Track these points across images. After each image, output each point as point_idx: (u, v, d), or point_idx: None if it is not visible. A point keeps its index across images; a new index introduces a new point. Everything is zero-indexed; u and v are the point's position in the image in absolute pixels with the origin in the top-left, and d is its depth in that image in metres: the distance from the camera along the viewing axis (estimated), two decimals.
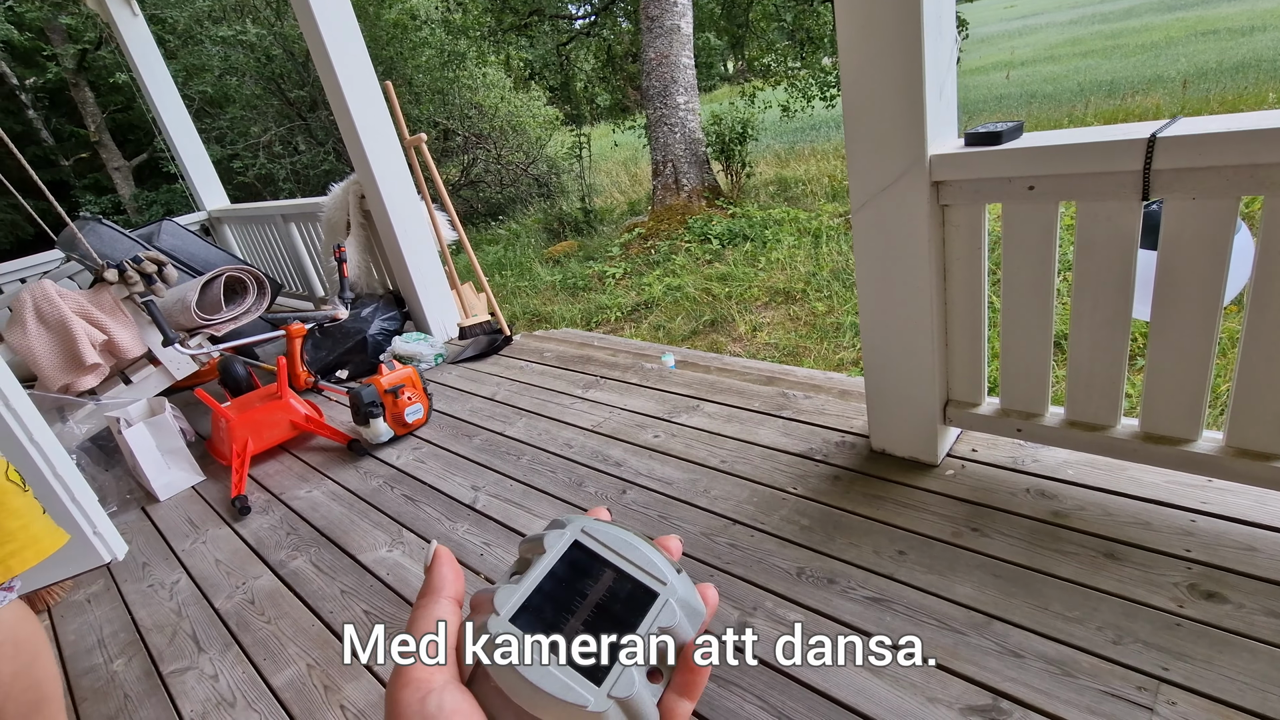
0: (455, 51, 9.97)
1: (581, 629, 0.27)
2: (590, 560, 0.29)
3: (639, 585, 0.29)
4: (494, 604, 0.27)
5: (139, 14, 4.26)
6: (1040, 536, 1.37)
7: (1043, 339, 1.41)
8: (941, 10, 1.33)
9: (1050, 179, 1.26)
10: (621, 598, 0.28)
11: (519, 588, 0.28)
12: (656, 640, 0.28)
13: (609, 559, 0.29)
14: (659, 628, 0.28)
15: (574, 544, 0.30)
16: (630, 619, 0.28)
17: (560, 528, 0.30)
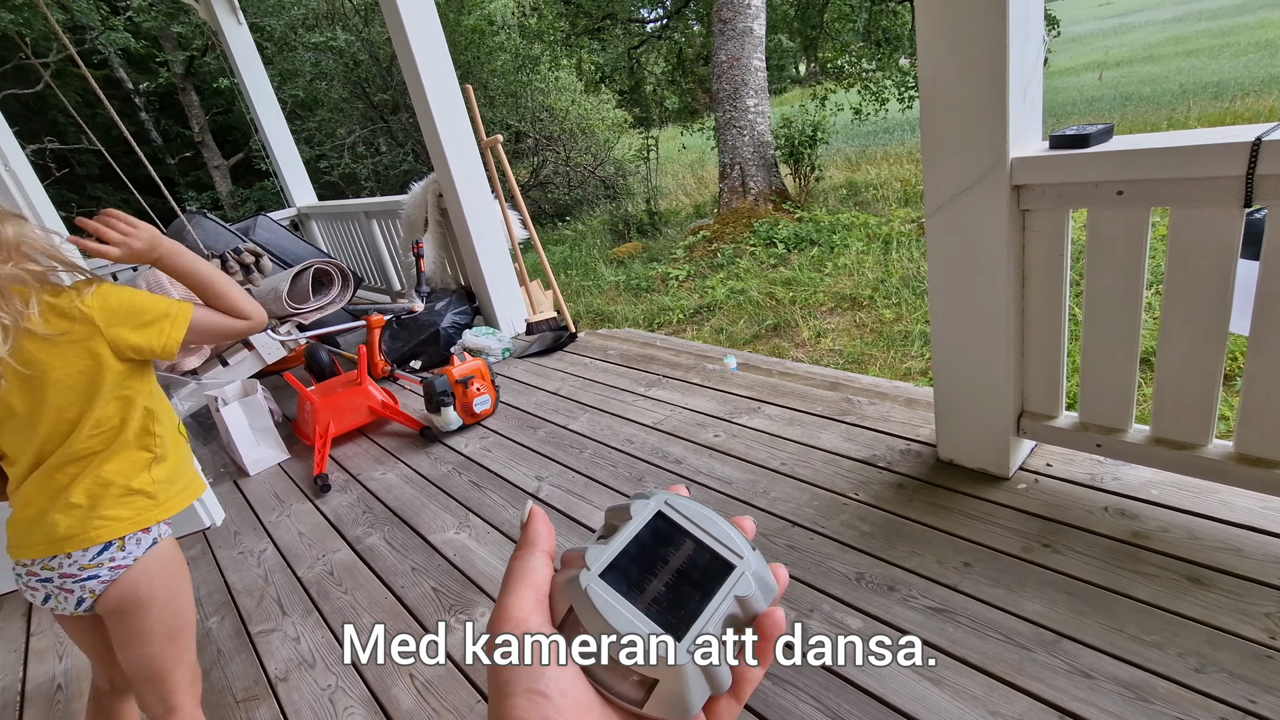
0: (529, 56, 10.24)
1: (663, 590, 0.29)
2: (672, 530, 0.31)
3: (717, 556, 0.30)
4: (585, 560, 0.29)
5: (243, 23, 4.58)
6: (1118, 557, 1.31)
7: (1128, 351, 1.35)
8: (1029, 9, 1.29)
9: (1142, 184, 1.21)
10: (700, 566, 0.30)
11: (607, 548, 0.30)
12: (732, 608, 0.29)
13: (690, 530, 0.31)
14: (735, 597, 0.29)
15: (658, 514, 0.32)
16: (708, 586, 0.29)
17: (645, 499, 0.32)
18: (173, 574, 1.08)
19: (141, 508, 1.03)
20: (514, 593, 0.29)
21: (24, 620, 1.94)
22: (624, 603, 0.28)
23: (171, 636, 1.07)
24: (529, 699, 0.26)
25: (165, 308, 1.01)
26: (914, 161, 8.71)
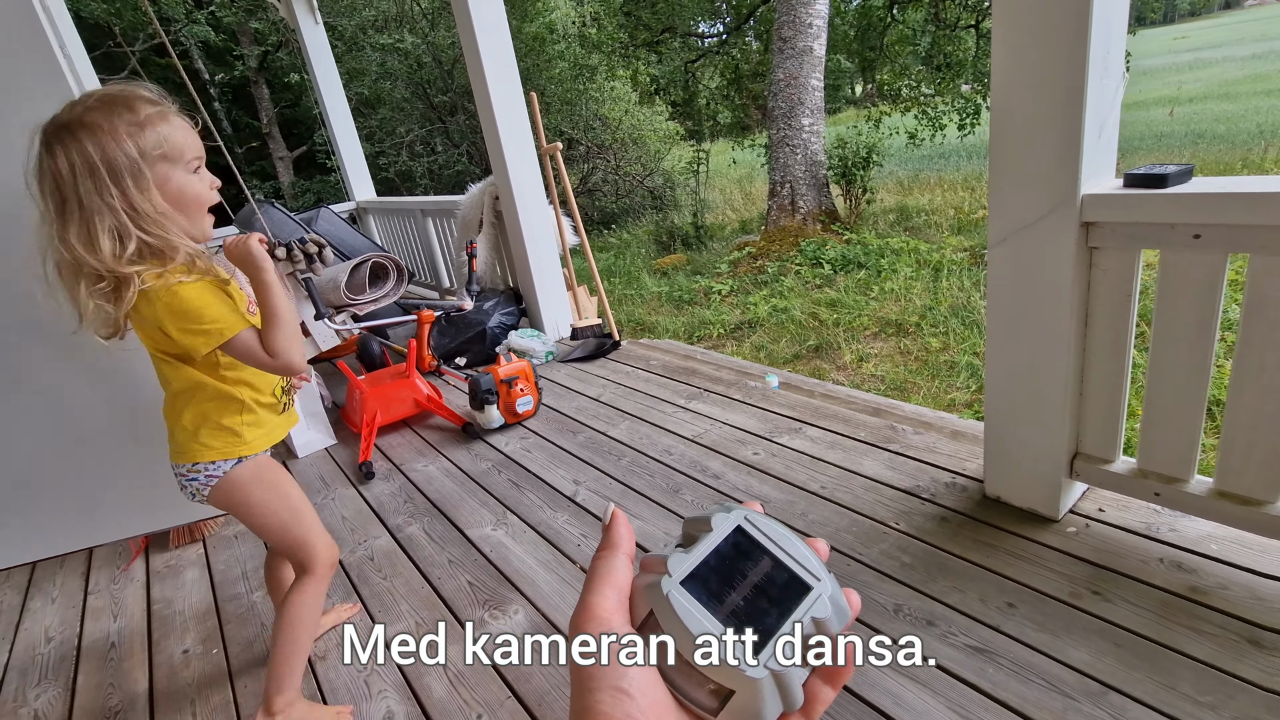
0: (587, 65, 10.40)
1: (741, 603, 0.30)
2: (752, 546, 0.32)
3: (795, 576, 0.31)
4: (666, 566, 0.30)
5: (320, 23, 4.78)
6: (1173, 611, 1.26)
7: (1195, 400, 1.31)
8: (1110, 45, 1.27)
9: (1221, 228, 1.18)
10: (779, 584, 0.31)
11: (688, 557, 0.31)
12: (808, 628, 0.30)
13: (769, 548, 0.32)
14: (812, 618, 0.30)
15: (738, 528, 0.32)
16: (786, 604, 0.30)
17: (725, 512, 0.33)
18: (262, 483, 1.23)
19: (229, 441, 1.20)
20: (598, 591, 0.30)
21: (83, 579, 2.05)
22: (704, 612, 0.29)
23: (284, 525, 1.26)
24: (613, 696, 0.27)
25: (216, 325, 1.05)
26: (968, 189, 8.54)
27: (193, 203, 1.04)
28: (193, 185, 1.03)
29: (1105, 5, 1.22)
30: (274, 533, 1.26)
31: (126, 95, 0.99)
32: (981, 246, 5.90)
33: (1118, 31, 1.29)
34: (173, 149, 1.00)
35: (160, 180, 1.00)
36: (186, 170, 1.03)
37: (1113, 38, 1.28)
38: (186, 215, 1.04)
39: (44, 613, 1.93)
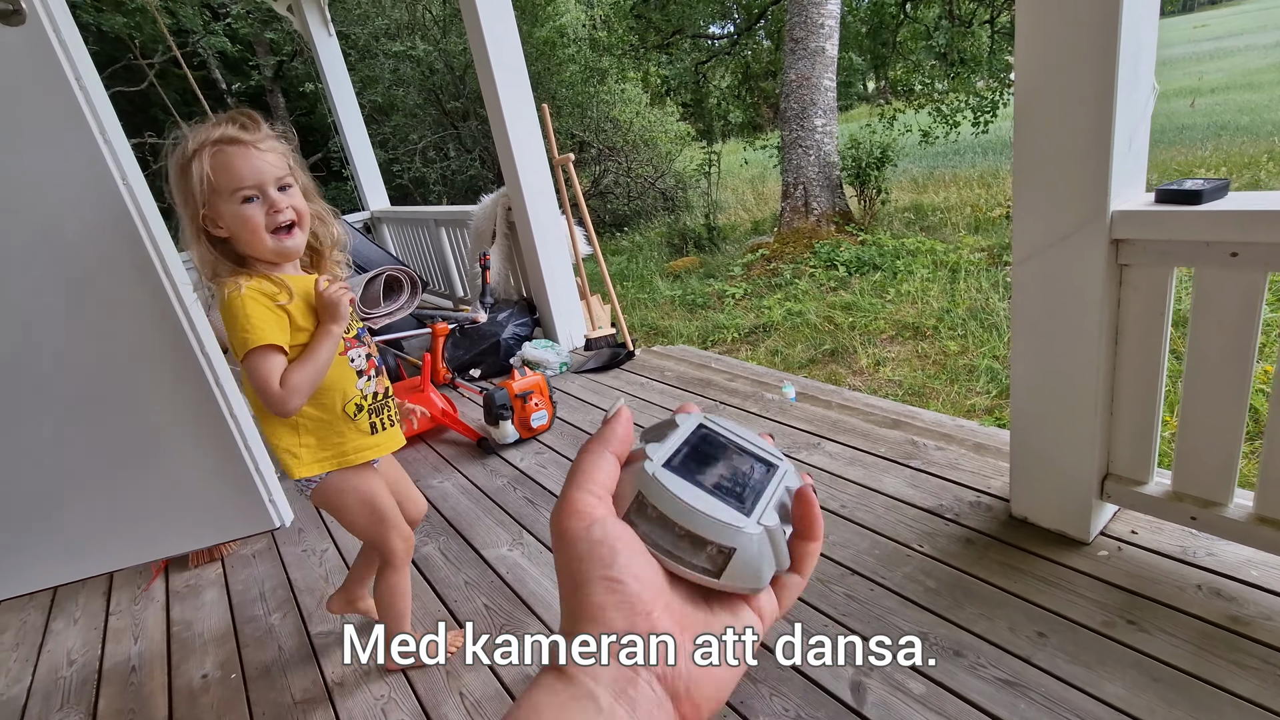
0: (597, 68, 10.40)
1: (719, 480, 0.31)
2: (716, 437, 0.33)
3: (760, 458, 0.33)
4: (646, 453, 0.31)
5: (333, 35, 4.81)
6: (1213, 642, 1.22)
7: (1234, 422, 1.26)
8: (1140, 55, 1.23)
9: (1261, 246, 1.13)
10: (748, 464, 0.33)
11: (663, 445, 0.32)
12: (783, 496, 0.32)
13: (731, 438, 0.34)
14: (785, 487, 0.32)
15: (700, 424, 0.34)
16: (758, 479, 0.32)
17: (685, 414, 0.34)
18: (343, 499, 1.33)
19: (289, 462, 1.26)
20: (580, 486, 0.30)
21: (104, 599, 2.06)
22: (689, 487, 0.30)
23: (366, 528, 1.38)
24: (604, 585, 0.27)
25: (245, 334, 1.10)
26: (984, 185, 8.42)
27: (243, 229, 1.09)
28: (241, 214, 1.08)
29: (1134, 14, 1.18)
30: (357, 533, 1.42)
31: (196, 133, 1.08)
32: (999, 246, 5.81)
33: (1147, 42, 1.25)
34: (218, 180, 1.07)
35: (213, 211, 1.09)
36: (233, 202, 1.08)
37: (1142, 48, 1.23)
38: (244, 240, 1.11)
39: (66, 634, 1.94)
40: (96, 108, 1.37)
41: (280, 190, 1.11)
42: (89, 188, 1.40)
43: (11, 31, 1.25)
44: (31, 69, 1.28)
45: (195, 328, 1.61)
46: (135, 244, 1.49)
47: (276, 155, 1.11)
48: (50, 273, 1.44)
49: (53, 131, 1.34)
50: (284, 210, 1.10)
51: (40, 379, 1.58)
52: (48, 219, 1.43)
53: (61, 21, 1.29)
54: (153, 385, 1.64)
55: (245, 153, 1.07)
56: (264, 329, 1.09)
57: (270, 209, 1.09)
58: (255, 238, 1.10)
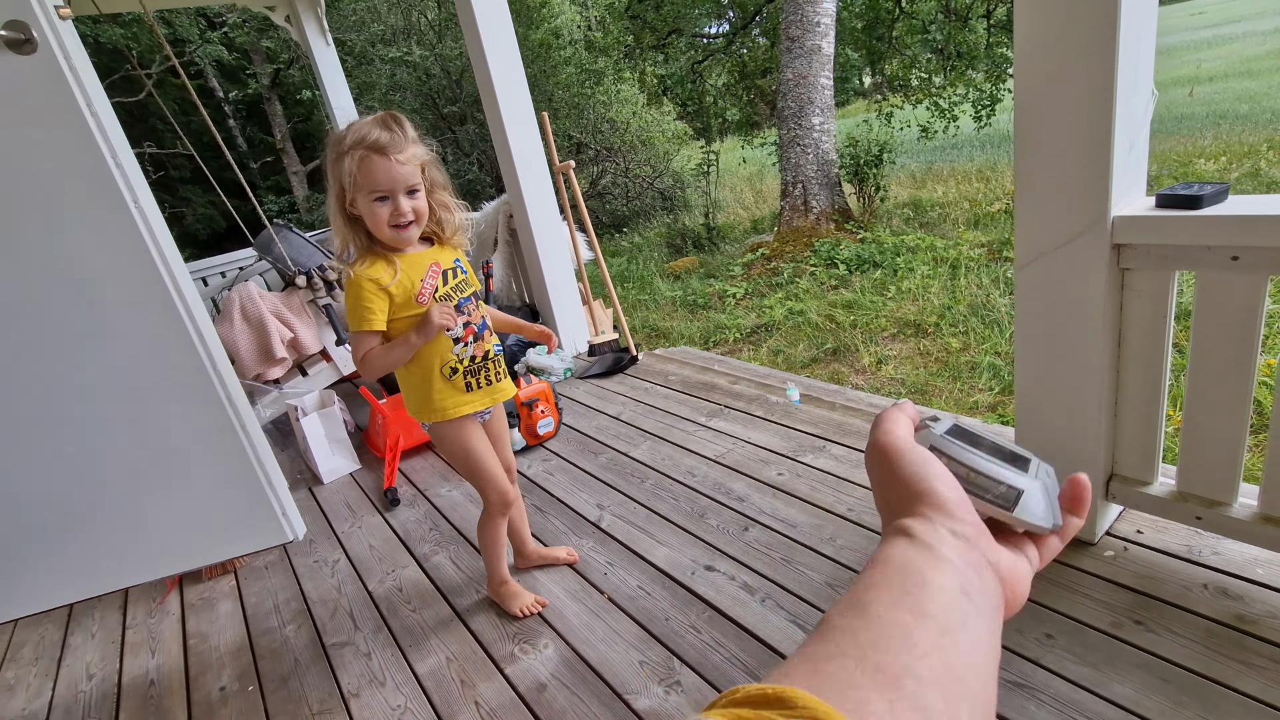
0: (593, 70, 10.40)
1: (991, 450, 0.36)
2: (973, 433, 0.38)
3: (1015, 452, 0.38)
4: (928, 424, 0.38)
5: (331, 44, 4.82)
6: (1220, 642, 1.23)
7: (1237, 422, 1.27)
8: (1139, 61, 1.24)
9: (1262, 250, 1.14)
10: (1007, 450, 0.37)
11: (939, 424, 0.38)
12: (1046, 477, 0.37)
13: (987, 436, 0.38)
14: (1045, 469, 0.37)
15: (955, 421, 0.40)
16: (1021, 458, 0.37)
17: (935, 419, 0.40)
18: (444, 447, 1.58)
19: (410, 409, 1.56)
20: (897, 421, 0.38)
21: (120, 613, 2.08)
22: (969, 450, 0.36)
23: (465, 474, 1.61)
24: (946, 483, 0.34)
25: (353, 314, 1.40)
26: (982, 179, 8.42)
27: (371, 219, 1.35)
28: (371, 208, 1.33)
29: (1133, 19, 1.19)
30: (461, 474, 1.69)
31: (352, 128, 1.32)
32: (999, 241, 5.81)
33: (1146, 46, 1.26)
34: (360, 180, 1.30)
35: (353, 198, 1.33)
36: (368, 198, 1.32)
37: (1141, 53, 1.25)
38: (371, 225, 1.36)
39: (84, 649, 1.96)
40: (108, 132, 1.38)
41: (408, 194, 1.34)
42: (102, 211, 1.42)
43: (24, 60, 1.27)
44: (43, 96, 1.30)
45: (207, 345, 1.63)
46: (147, 264, 1.50)
47: (413, 165, 1.32)
48: (66, 296, 1.46)
49: (65, 158, 1.36)
50: (405, 213, 1.34)
51: (57, 400, 1.60)
52: (62, 243, 1.45)
53: (72, 49, 1.31)
54: (167, 404, 1.66)
55: (386, 163, 1.29)
56: (365, 315, 1.37)
57: (394, 210, 1.33)
58: (379, 228, 1.35)
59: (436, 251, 1.47)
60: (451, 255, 1.49)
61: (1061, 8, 1.21)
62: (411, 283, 1.41)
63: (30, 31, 1.28)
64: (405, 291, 1.40)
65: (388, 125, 1.32)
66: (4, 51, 1.28)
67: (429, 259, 1.45)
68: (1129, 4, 1.17)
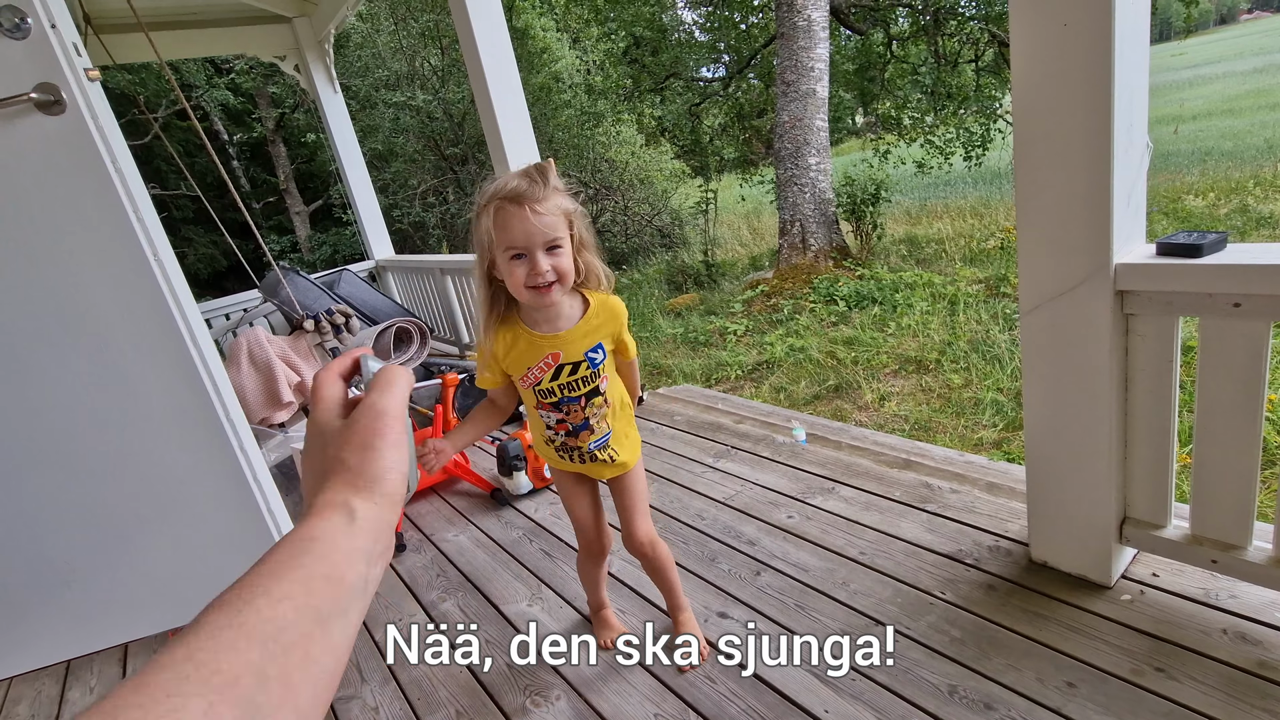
0: (593, 112, 10.65)
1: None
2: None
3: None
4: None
5: (338, 91, 4.95)
6: (1242, 689, 1.22)
7: (1247, 466, 1.28)
8: (1133, 118, 1.29)
9: (1263, 298, 1.17)
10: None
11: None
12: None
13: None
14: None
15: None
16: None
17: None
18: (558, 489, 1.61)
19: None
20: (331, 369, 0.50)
21: (120, 667, 2.04)
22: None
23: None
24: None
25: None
26: (976, 216, 8.57)
27: (509, 280, 1.21)
28: (509, 270, 1.20)
29: (1126, 75, 1.24)
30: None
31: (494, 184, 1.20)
32: (995, 277, 5.89)
33: (1140, 101, 1.31)
34: (497, 236, 1.18)
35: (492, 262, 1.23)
36: (505, 256, 1.19)
37: (1135, 107, 1.29)
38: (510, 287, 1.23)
39: (82, 704, 1.92)
40: (130, 187, 1.42)
41: (548, 250, 1.18)
42: (123, 265, 1.45)
43: (53, 120, 1.31)
44: (71, 154, 1.34)
45: (220, 393, 1.64)
46: (165, 316, 1.52)
47: (554, 216, 1.17)
48: (81, 344, 1.48)
49: (89, 212, 1.39)
50: (544, 273, 1.18)
51: (65, 446, 1.60)
52: (81, 293, 1.47)
53: (100, 110, 1.35)
54: (177, 451, 1.66)
55: (521, 214, 1.15)
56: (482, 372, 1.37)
57: (532, 270, 1.18)
58: (517, 289, 1.21)
59: (570, 337, 1.30)
60: (590, 342, 1.32)
61: (1057, 65, 1.26)
62: (522, 365, 1.31)
63: (60, 93, 1.32)
64: (516, 369, 1.32)
65: (529, 174, 1.18)
66: (34, 112, 1.32)
67: (552, 347, 1.30)
68: (1122, 62, 1.22)
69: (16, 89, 1.29)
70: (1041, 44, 1.27)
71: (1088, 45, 1.21)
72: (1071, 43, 1.23)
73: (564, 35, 10.94)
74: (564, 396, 1.35)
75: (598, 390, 1.37)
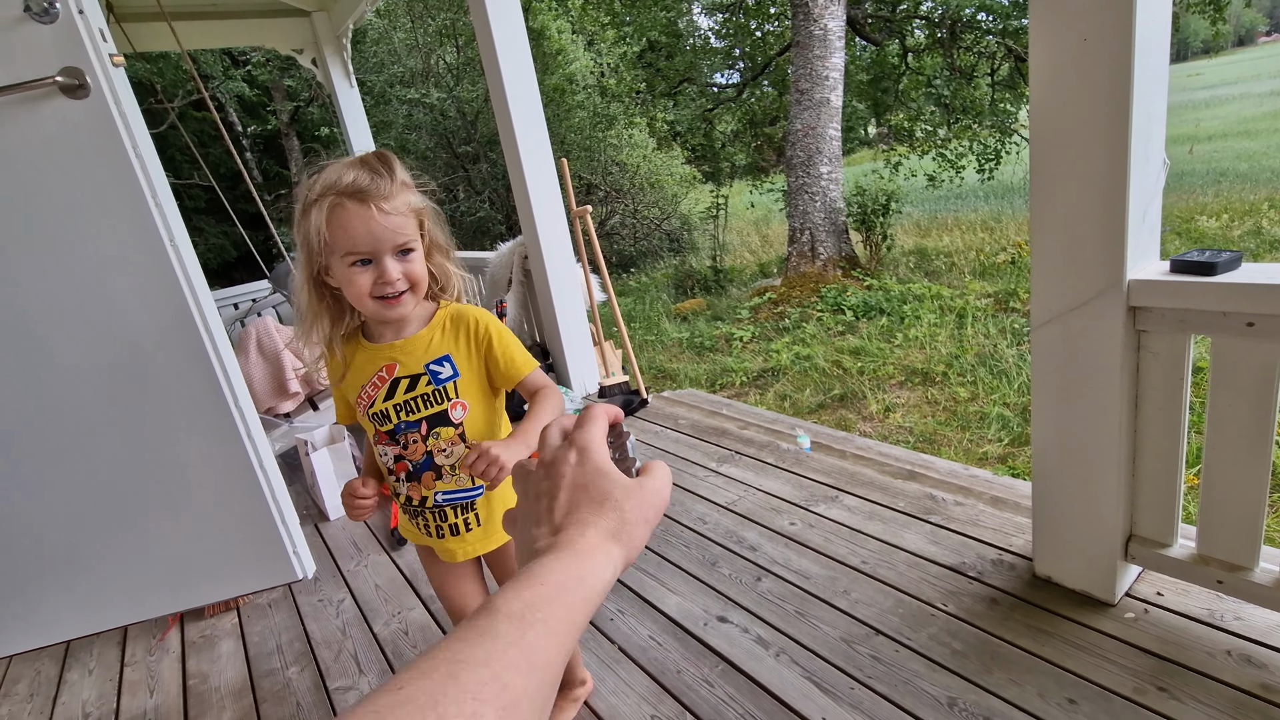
0: (606, 114, 10.69)
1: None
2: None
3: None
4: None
5: (355, 85, 4.98)
6: (1247, 712, 1.21)
7: (1257, 487, 1.28)
8: (1151, 135, 1.29)
9: (1276, 318, 1.16)
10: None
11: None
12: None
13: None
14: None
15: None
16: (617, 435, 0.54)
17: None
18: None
19: None
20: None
21: (119, 649, 2.05)
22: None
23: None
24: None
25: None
26: (987, 229, 8.55)
27: (348, 289, 1.00)
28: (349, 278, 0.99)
29: (1146, 91, 1.24)
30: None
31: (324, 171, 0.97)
32: (1004, 292, 5.87)
33: (1158, 119, 1.31)
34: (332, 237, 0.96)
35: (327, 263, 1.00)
36: (344, 262, 0.98)
37: (1153, 126, 1.29)
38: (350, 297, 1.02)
39: (81, 685, 1.93)
40: (150, 173, 1.43)
41: (398, 254, 0.99)
42: (140, 250, 1.46)
43: (77, 104, 1.32)
44: (93, 139, 1.35)
45: (231, 381, 1.65)
46: (179, 302, 1.54)
47: (403, 215, 0.98)
48: (97, 330, 1.49)
49: (109, 196, 1.40)
50: (395, 281, 0.98)
51: (75, 427, 1.61)
52: (98, 276, 1.48)
53: (123, 96, 1.37)
54: (186, 437, 1.67)
55: (366, 213, 0.95)
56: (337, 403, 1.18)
57: (380, 278, 0.98)
58: (360, 300, 1.01)
59: (409, 346, 1.08)
60: (435, 353, 1.08)
61: (1076, 79, 1.26)
62: (357, 385, 1.08)
63: (84, 77, 1.34)
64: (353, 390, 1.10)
65: (369, 165, 0.98)
66: (58, 96, 1.34)
67: (387, 357, 1.07)
68: (1142, 77, 1.21)
69: (42, 72, 1.31)
70: (1061, 57, 1.27)
71: (1107, 60, 1.21)
72: (1091, 57, 1.23)
73: (579, 37, 10.99)
74: (400, 422, 1.08)
75: (445, 418, 1.09)
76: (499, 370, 1.10)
